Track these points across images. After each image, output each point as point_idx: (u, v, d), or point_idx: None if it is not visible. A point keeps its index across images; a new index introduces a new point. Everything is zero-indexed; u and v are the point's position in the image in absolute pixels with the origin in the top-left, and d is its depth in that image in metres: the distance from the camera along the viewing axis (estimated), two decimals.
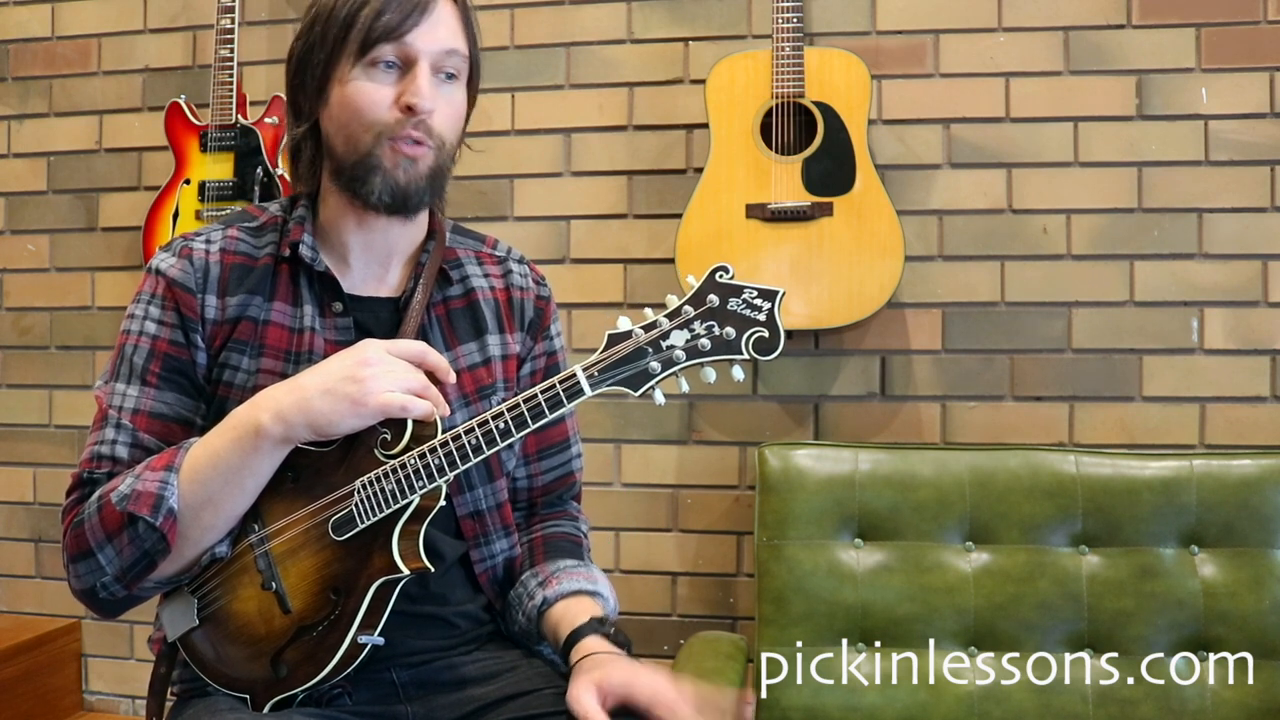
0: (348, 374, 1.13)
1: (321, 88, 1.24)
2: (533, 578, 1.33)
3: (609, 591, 1.34)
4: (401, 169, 1.22)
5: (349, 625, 1.16)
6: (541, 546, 1.38)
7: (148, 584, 1.19)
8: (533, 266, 1.44)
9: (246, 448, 1.15)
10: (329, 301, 1.28)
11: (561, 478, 1.44)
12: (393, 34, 1.20)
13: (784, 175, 2.08)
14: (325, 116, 1.25)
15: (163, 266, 1.26)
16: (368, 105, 1.21)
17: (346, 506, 1.16)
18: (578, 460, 1.46)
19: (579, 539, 1.42)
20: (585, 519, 1.47)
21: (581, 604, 1.28)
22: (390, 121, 1.21)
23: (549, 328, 1.42)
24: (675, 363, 1.10)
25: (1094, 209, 2.17)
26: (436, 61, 1.23)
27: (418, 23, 1.21)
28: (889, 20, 2.24)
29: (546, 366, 1.41)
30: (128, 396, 1.23)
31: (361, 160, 1.22)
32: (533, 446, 1.41)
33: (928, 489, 1.87)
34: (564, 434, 1.43)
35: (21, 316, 2.61)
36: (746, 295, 1.10)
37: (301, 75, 1.26)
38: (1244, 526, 1.80)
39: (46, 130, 2.59)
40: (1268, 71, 2.12)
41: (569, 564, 1.34)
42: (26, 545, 2.60)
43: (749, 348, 1.09)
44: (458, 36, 1.25)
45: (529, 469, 1.41)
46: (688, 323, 1.10)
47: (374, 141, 1.21)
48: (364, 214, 1.26)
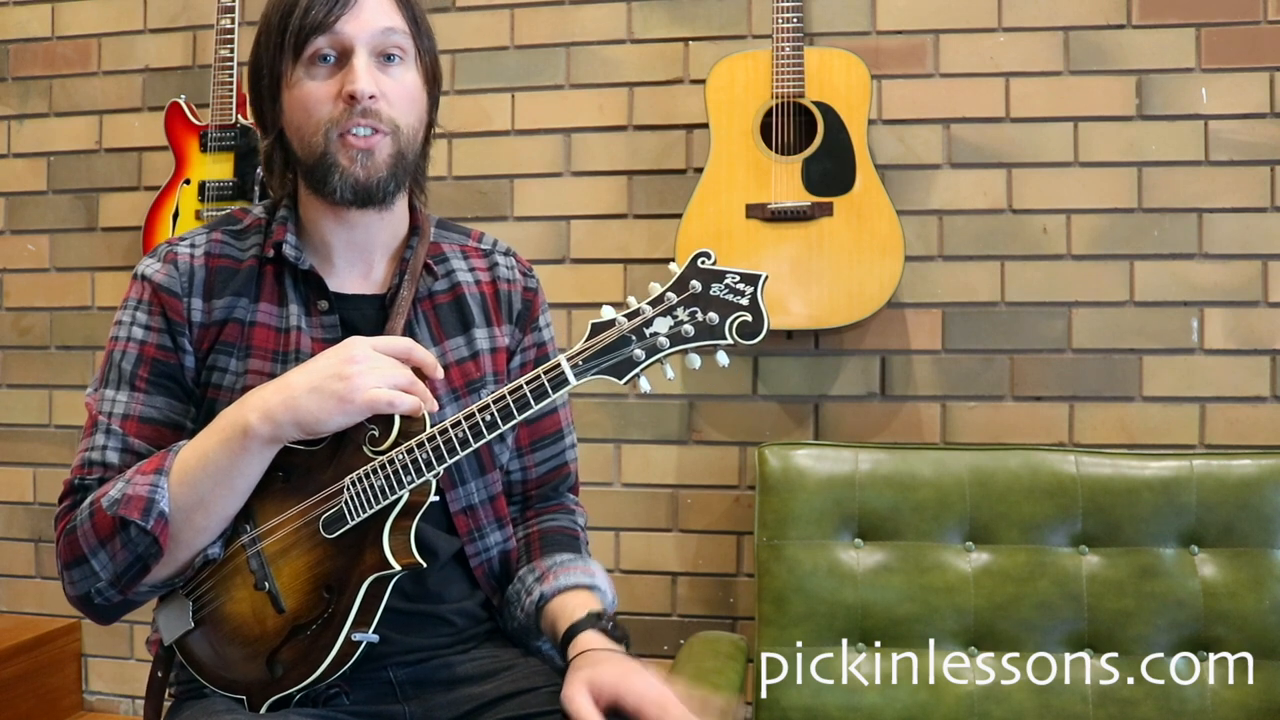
0: (334, 371, 1.13)
1: (275, 96, 1.25)
2: (530, 573, 1.33)
3: (607, 584, 1.34)
4: (359, 164, 1.22)
5: (342, 623, 1.16)
6: (538, 541, 1.38)
7: (142, 588, 1.19)
8: (519, 258, 1.44)
9: (235, 448, 1.15)
10: (315, 300, 1.28)
11: (555, 469, 1.43)
12: (320, 26, 1.20)
13: (784, 175, 2.08)
14: (285, 123, 1.26)
15: (148, 272, 1.27)
16: (312, 103, 1.22)
17: (336, 504, 1.16)
18: (571, 451, 1.46)
19: (575, 532, 1.41)
20: (583, 511, 1.47)
21: (579, 598, 1.28)
22: (336, 115, 1.21)
23: (538, 319, 1.42)
24: (659, 350, 1.10)
25: (1094, 209, 2.17)
26: (374, 45, 1.22)
27: (344, 9, 1.21)
28: (889, 20, 2.23)
29: (536, 358, 1.40)
30: (117, 402, 1.24)
31: (319, 161, 1.23)
32: (525, 439, 1.41)
33: (928, 489, 1.87)
34: (556, 425, 1.43)
35: (21, 316, 2.61)
36: (729, 280, 1.09)
37: (257, 88, 1.28)
38: (1244, 526, 1.80)
39: (46, 130, 2.59)
40: (1268, 71, 2.12)
41: (566, 558, 1.34)
42: (26, 545, 2.61)
43: (733, 332, 1.09)
44: (392, 14, 1.24)
45: (522, 461, 1.41)
46: (671, 309, 1.10)
47: (324, 139, 1.22)
48: (338, 210, 1.27)
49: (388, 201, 1.27)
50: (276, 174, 1.31)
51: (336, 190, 1.22)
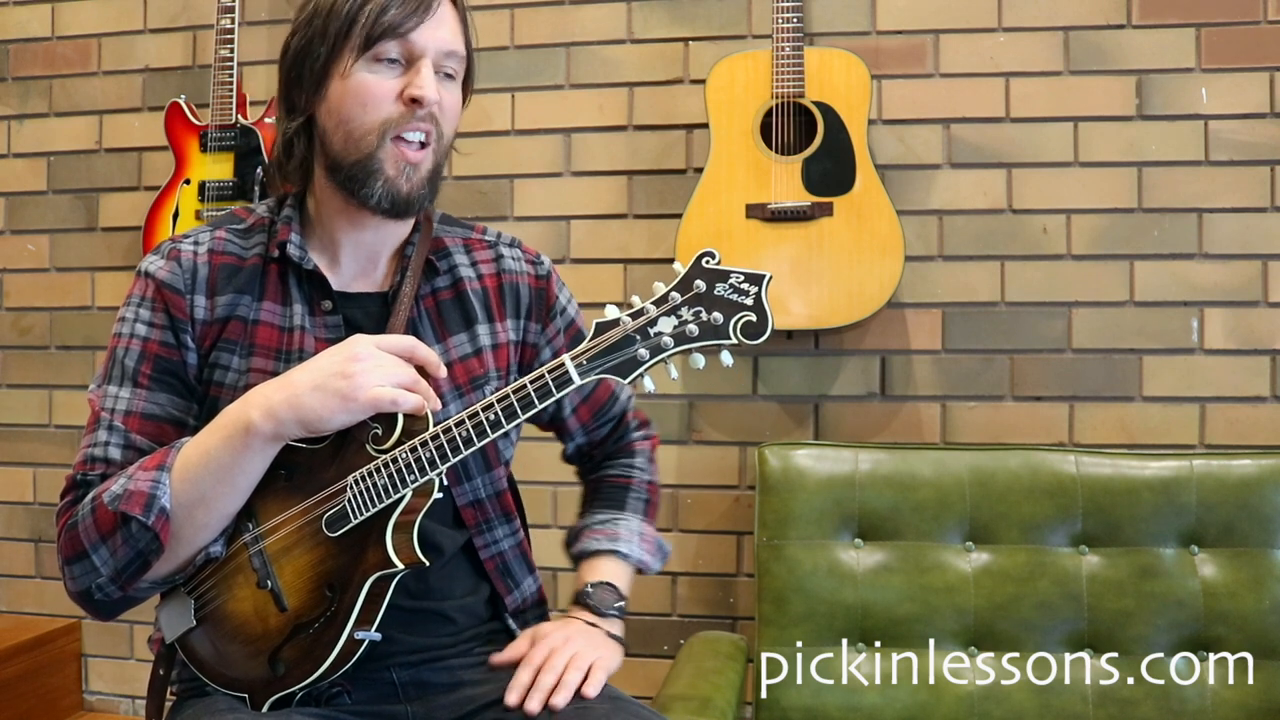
0: (337, 370, 1.13)
1: (320, 82, 1.24)
2: (571, 531, 1.45)
3: (633, 542, 1.41)
4: (404, 176, 1.22)
5: (345, 621, 1.16)
6: (589, 495, 1.48)
7: (143, 584, 1.19)
8: (526, 248, 1.44)
9: (238, 445, 1.15)
10: (318, 300, 1.28)
11: (614, 423, 1.48)
12: (397, 31, 1.21)
13: (784, 175, 2.08)
14: (323, 111, 1.25)
15: (151, 269, 1.27)
16: (372, 97, 1.21)
17: (339, 502, 1.16)
18: (629, 401, 1.50)
19: (627, 480, 1.47)
20: (646, 446, 1.51)
21: (593, 568, 1.39)
22: (395, 115, 1.21)
23: (555, 304, 1.42)
24: (663, 349, 1.11)
25: (1094, 209, 2.17)
26: (437, 61, 1.24)
27: (422, 20, 1.22)
28: (889, 20, 2.23)
29: (569, 340, 1.42)
30: (120, 399, 1.24)
31: (362, 161, 1.22)
32: (587, 415, 1.45)
33: (928, 489, 1.87)
34: (609, 390, 1.46)
35: (21, 316, 2.61)
36: (733, 280, 1.09)
37: (299, 69, 1.25)
38: (1244, 526, 1.80)
39: (46, 130, 2.59)
40: (1268, 71, 2.12)
41: (600, 518, 1.42)
42: (26, 545, 2.60)
43: (737, 332, 1.09)
44: (458, 39, 1.26)
45: (588, 434, 1.47)
46: (675, 309, 1.10)
47: (378, 139, 1.21)
48: (359, 214, 1.26)
49: (416, 215, 1.29)
50: (295, 160, 1.28)
51: (375, 197, 1.22)
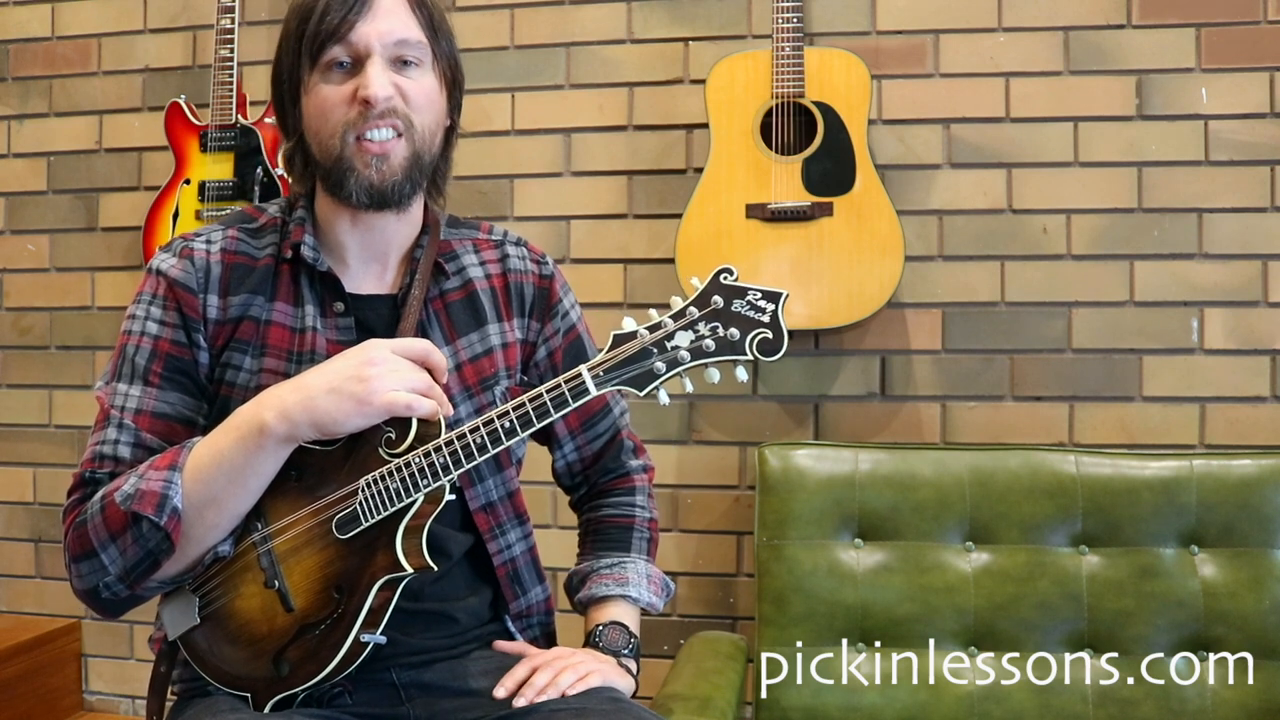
0: (353, 373, 1.14)
1: (295, 101, 1.27)
2: (576, 575, 1.43)
3: (642, 585, 1.40)
4: (374, 168, 1.23)
5: (352, 624, 1.16)
6: (590, 537, 1.45)
7: (150, 583, 1.19)
8: (531, 246, 1.45)
9: (250, 446, 1.15)
10: (330, 301, 1.29)
11: (609, 441, 1.46)
12: (336, 33, 1.22)
13: (784, 175, 2.08)
14: (305, 127, 1.27)
15: (164, 267, 1.27)
16: (328, 107, 1.23)
17: (350, 505, 1.17)
18: (624, 418, 1.48)
19: (629, 520, 1.45)
20: (647, 478, 1.50)
21: (603, 612, 1.38)
22: (351, 118, 1.22)
23: (557, 305, 1.42)
24: (680, 363, 1.12)
25: (1094, 209, 2.17)
26: (390, 53, 1.24)
27: (359, 17, 1.22)
28: (889, 20, 2.24)
29: (567, 344, 1.41)
30: (130, 396, 1.23)
31: (335, 164, 1.24)
32: (576, 421, 1.43)
33: (928, 489, 1.87)
34: (603, 400, 1.44)
35: (21, 316, 2.61)
36: (750, 297, 1.11)
37: (279, 92, 1.29)
38: (1244, 526, 1.80)
39: (46, 130, 2.59)
40: (1268, 71, 2.12)
41: (606, 562, 1.41)
42: (26, 545, 2.60)
43: (753, 348, 1.11)
44: (409, 25, 1.25)
45: (576, 442, 1.45)
46: (692, 324, 1.12)
47: (341, 142, 1.23)
48: (355, 212, 1.28)
49: (403, 204, 1.28)
50: (297, 175, 1.32)
51: (352, 194, 1.24)
